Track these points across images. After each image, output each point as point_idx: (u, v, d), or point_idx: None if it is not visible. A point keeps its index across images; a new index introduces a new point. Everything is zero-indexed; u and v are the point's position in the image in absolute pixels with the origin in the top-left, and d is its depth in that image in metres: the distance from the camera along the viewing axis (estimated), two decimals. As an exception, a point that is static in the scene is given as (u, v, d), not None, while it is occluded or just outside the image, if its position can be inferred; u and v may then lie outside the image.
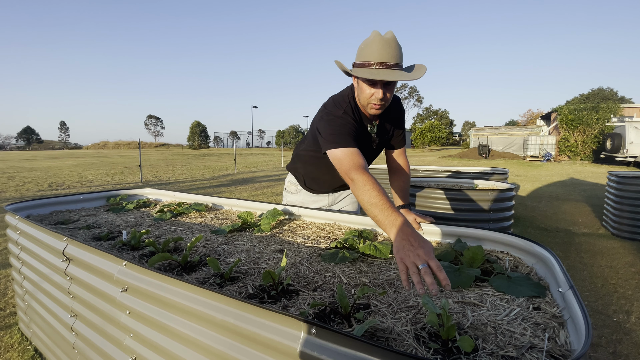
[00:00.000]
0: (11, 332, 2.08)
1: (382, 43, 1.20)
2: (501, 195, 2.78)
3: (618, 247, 3.76)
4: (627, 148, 14.39)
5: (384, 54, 1.20)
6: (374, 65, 1.21)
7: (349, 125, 1.32)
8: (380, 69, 1.20)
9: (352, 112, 1.37)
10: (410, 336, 0.71)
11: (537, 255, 1.05)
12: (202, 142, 52.52)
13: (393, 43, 1.21)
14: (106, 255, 1.12)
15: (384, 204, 1.01)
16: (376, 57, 1.20)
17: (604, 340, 2.04)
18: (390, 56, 1.20)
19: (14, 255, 1.84)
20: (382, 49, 1.20)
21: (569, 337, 0.68)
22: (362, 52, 1.24)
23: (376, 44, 1.21)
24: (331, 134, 1.30)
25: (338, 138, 1.28)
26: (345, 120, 1.33)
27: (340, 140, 1.27)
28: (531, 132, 21.73)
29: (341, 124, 1.32)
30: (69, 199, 2.18)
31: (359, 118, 1.40)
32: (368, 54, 1.22)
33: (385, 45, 1.20)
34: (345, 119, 1.33)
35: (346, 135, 1.29)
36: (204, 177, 11.21)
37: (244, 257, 1.21)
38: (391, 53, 1.20)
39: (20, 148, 74.04)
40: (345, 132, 1.29)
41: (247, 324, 0.74)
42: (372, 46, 1.21)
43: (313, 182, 1.75)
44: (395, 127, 1.55)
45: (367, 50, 1.22)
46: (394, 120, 1.53)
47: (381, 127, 1.49)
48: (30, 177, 10.78)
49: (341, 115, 1.34)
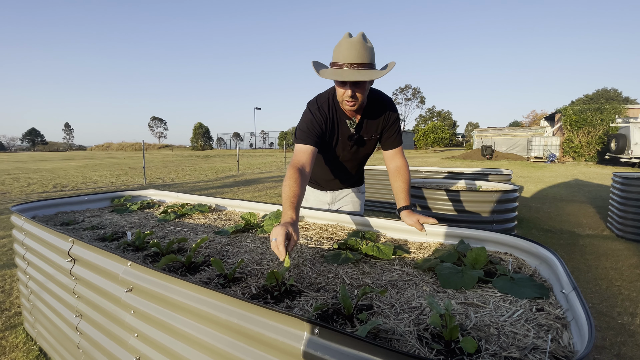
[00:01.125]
0: (16, 332, 2.09)
1: (349, 45, 1.28)
2: (505, 196, 2.77)
3: (623, 248, 3.73)
4: (632, 149, 14.30)
5: (351, 55, 1.28)
6: (343, 65, 1.30)
7: (315, 123, 1.47)
8: (349, 69, 1.29)
9: (329, 108, 1.50)
10: (413, 337, 0.71)
11: (541, 256, 1.05)
12: (205, 143, 52.73)
13: (359, 44, 1.28)
14: (111, 255, 1.13)
15: (288, 200, 1.23)
16: (344, 58, 1.29)
17: (608, 342, 2.03)
18: (357, 57, 1.28)
19: (20, 256, 1.86)
20: (349, 50, 1.28)
21: (572, 338, 0.68)
22: (334, 54, 1.33)
23: (344, 46, 1.29)
24: (298, 129, 1.49)
25: (300, 134, 1.46)
26: (314, 117, 1.48)
27: (300, 136, 1.46)
28: (535, 133, 21.61)
29: (309, 121, 1.47)
30: (73, 200, 2.19)
31: (336, 113, 1.51)
32: (337, 55, 1.31)
33: (352, 47, 1.28)
34: (316, 115, 1.48)
35: (308, 133, 1.45)
36: (206, 179, 11.25)
37: (247, 258, 1.22)
38: (357, 54, 1.28)
39: (25, 149, 74.60)
40: (308, 130, 1.45)
41: (251, 324, 0.74)
42: (340, 48, 1.30)
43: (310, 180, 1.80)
44: (383, 127, 1.58)
45: (337, 52, 1.32)
46: (381, 120, 1.56)
47: (362, 123, 1.55)
48: (35, 179, 10.86)
49: (314, 111, 1.49)
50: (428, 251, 1.25)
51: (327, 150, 1.60)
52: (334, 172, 1.73)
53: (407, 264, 1.15)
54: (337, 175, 1.75)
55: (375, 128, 1.58)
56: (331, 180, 1.78)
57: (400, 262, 1.16)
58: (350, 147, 1.60)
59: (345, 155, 1.63)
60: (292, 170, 1.33)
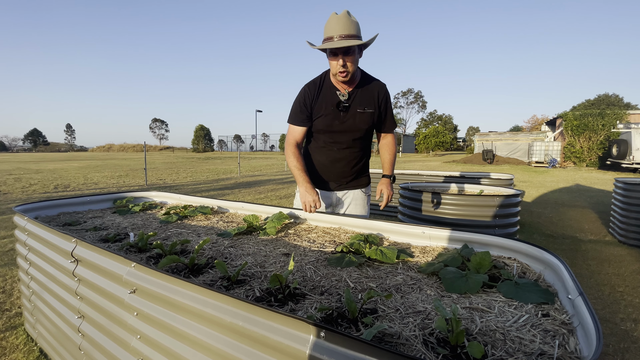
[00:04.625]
0: (17, 333, 2.09)
1: (336, 19, 1.50)
2: (507, 201, 2.77)
3: (625, 254, 3.72)
4: (633, 155, 14.28)
5: (339, 27, 1.49)
6: (334, 37, 1.51)
7: (302, 102, 1.73)
8: (339, 40, 1.50)
9: (321, 82, 1.73)
10: (418, 341, 0.71)
11: (545, 261, 1.04)
12: (206, 145, 52.80)
13: (345, 18, 1.50)
14: (115, 256, 1.13)
15: (299, 168, 1.71)
16: (334, 31, 1.50)
17: (611, 348, 2.02)
18: (345, 29, 1.49)
19: (22, 256, 1.85)
20: (337, 24, 1.49)
21: (578, 344, 0.68)
22: (325, 30, 1.54)
23: (332, 21, 1.51)
24: (291, 110, 1.78)
25: (292, 115, 1.77)
26: (304, 93, 1.73)
27: (292, 116, 1.77)
28: (536, 138, 21.60)
29: (298, 102, 1.74)
30: (76, 201, 2.20)
31: (324, 84, 1.73)
32: (328, 30, 1.52)
33: (340, 21, 1.49)
34: (305, 91, 1.73)
35: (298, 113, 1.75)
36: (208, 180, 11.25)
37: (251, 260, 1.21)
38: (344, 26, 1.49)
39: (26, 150, 74.81)
40: (298, 111, 1.74)
41: (256, 327, 0.74)
42: (329, 23, 1.52)
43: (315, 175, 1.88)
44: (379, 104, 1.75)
45: (327, 28, 1.53)
46: (375, 96, 1.74)
47: (354, 94, 1.71)
48: (36, 179, 10.88)
49: (304, 88, 1.74)
50: (431, 255, 1.25)
51: (321, 122, 1.75)
52: (333, 153, 1.80)
53: (411, 267, 1.14)
54: (337, 158, 1.80)
55: (368, 102, 1.73)
56: (332, 168, 1.82)
57: (403, 266, 1.16)
58: (341, 117, 1.73)
59: (336, 125, 1.74)
60: (293, 148, 1.75)
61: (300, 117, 1.74)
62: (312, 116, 1.75)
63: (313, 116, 1.75)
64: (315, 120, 1.76)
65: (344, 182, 1.85)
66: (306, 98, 1.72)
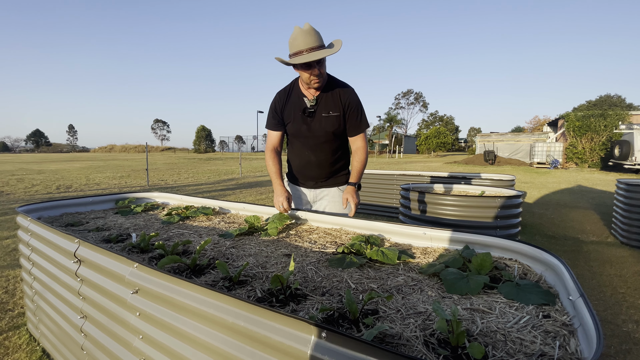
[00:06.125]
0: (19, 333, 2.10)
1: (304, 33, 1.57)
2: (508, 202, 2.76)
3: (627, 255, 3.70)
4: (636, 155, 14.24)
5: (307, 41, 1.56)
6: (303, 51, 1.57)
7: (273, 109, 1.85)
8: (309, 53, 1.57)
9: (290, 90, 1.83)
10: (419, 342, 0.71)
11: (546, 262, 1.04)
12: (208, 146, 52.89)
13: (312, 31, 1.57)
14: (118, 257, 1.14)
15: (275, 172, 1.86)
16: (304, 44, 1.57)
17: (613, 350, 2.01)
18: (313, 41, 1.57)
19: (25, 257, 1.86)
20: (305, 38, 1.56)
21: (579, 345, 0.68)
22: (292, 45, 1.60)
23: (300, 36, 1.57)
24: (267, 118, 1.91)
25: (267, 120, 1.91)
26: (274, 104, 1.85)
27: (267, 122, 1.91)
28: (538, 139, 21.56)
29: (270, 109, 1.87)
30: (78, 202, 2.21)
31: (294, 93, 1.82)
32: (297, 44, 1.58)
33: (307, 35, 1.56)
34: (275, 100, 1.85)
35: (271, 119, 1.88)
36: (209, 181, 11.27)
37: (252, 261, 1.22)
38: (312, 39, 1.57)
39: (29, 151, 75.10)
40: (271, 117, 1.87)
41: (257, 327, 0.74)
42: (297, 38, 1.57)
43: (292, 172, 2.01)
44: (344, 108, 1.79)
45: (295, 42, 1.58)
46: (339, 99, 1.78)
47: (320, 99, 1.78)
48: (39, 180, 10.92)
49: (275, 97, 1.86)
50: (432, 256, 1.25)
51: (291, 128, 1.84)
52: (306, 157, 1.88)
53: (412, 268, 1.15)
54: (310, 161, 1.88)
55: (333, 106, 1.78)
56: (307, 170, 1.91)
57: (404, 267, 1.16)
58: (308, 122, 1.80)
59: (304, 130, 1.81)
60: (270, 152, 1.90)
61: (273, 122, 1.86)
62: (284, 122, 1.86)
63: (285, 122, 1.86)
64: (287, 126, 1.87)
65: (320, 181, 1.93)
66: (277, 105, 1.84)
